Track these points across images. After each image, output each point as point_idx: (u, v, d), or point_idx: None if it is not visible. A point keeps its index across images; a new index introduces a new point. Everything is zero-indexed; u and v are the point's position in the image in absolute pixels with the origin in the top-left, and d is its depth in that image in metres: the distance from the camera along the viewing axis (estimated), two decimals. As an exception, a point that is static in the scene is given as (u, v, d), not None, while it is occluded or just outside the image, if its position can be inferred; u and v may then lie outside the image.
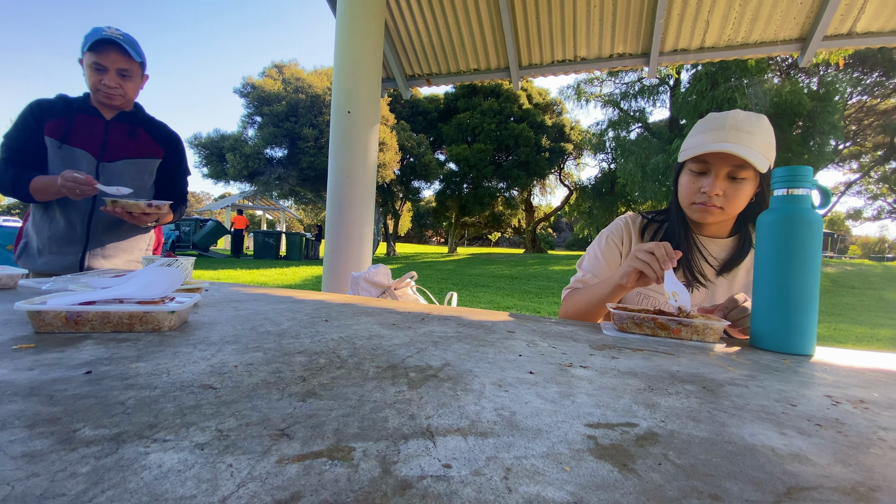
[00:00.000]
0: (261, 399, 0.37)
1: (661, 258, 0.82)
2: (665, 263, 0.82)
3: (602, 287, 0.96)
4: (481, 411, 0.37)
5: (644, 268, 0.84)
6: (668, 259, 0.82)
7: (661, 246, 0.84)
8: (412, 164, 19.25)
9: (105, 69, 1.44)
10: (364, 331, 0.66)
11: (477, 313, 0.87)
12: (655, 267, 0.82)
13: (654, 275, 0.82)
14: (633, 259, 0.86)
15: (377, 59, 2.70)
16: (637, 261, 0.85)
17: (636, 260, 0.85)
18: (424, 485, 0.25)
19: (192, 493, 0.23)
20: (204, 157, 16.34)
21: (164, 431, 0.30)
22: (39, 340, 0.52)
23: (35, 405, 0.34)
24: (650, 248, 0.84)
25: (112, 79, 1.45)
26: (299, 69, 17.38)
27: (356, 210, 2.62)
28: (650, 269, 0.83)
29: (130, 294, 0.61)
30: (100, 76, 1.44)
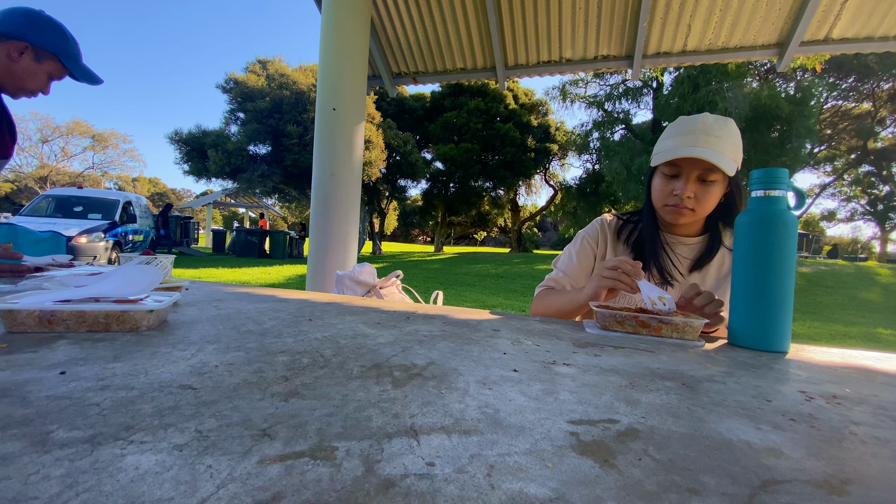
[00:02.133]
0: (242, 399, 0.36)
1: (630, 273, 0.85)
2: (636, 276, 0.84)
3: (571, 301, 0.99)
4: (465, 409, 0.37)
5: (615, 284, 0.87)
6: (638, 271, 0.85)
7: (624, 261, 0.87)
8: (398, 162, 19.17)
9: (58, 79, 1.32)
10: (348, 330, 0.66)
11: (462, 312, 0.88)
12: (627, 280, 0.85)
13: (629, 287, 0.85)
14: (601, 279, 0.89)
15: (363, 57, 2.68)
16: (605, 280, 0.88)
17: (604, 279, 0.88)
18: (408, 483, 0.25)
19: (170, 495, 0.23)
20: (184, 154, 15.97)
21: (141, 433, 0.29)
22: (12, 340, 0.50)
23: (6, 406, 0.33)
24: (613, 264, 0.88)
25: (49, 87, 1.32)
26: (284, 65, 17.13)
27: (341, 208, 2.60)
28: (622, 283, 0.86)
29: (107, 293, 0.60)
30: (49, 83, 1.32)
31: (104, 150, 38.63)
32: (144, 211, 11.65)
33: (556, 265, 1.19)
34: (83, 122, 36.89)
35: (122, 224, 9.73)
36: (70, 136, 36.35)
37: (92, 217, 9.30)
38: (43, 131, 35.03)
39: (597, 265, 0.95)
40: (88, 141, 37.55)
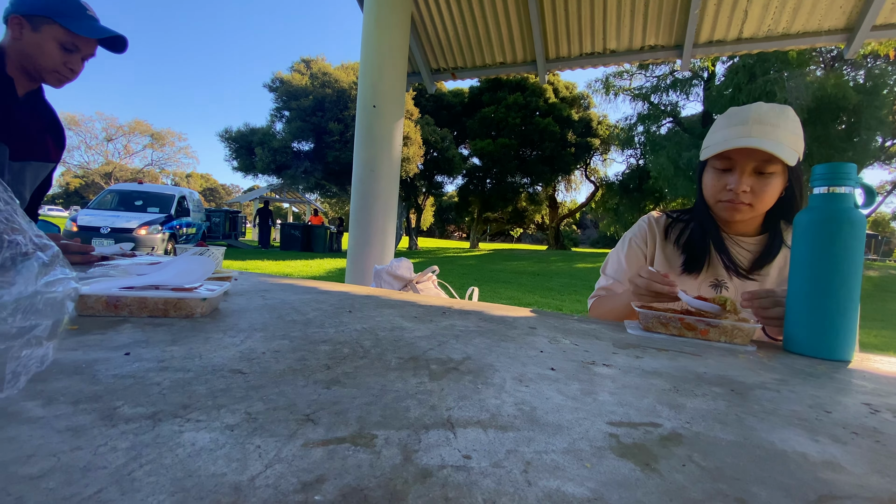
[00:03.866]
0: (287, 385, 0.38)
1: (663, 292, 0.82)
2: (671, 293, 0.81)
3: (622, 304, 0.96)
4: (502, 405, 0.37)
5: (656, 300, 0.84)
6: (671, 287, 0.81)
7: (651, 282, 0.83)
8: (435, 158, 19.26)
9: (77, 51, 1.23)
10: (386, 322, 0.67)
11: (498, 308, 0.87)
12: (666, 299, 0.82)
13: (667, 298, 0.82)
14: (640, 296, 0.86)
15: (403, 54, 2.71)
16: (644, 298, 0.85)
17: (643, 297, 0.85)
18: (444, 474, 0.26)
19: (223, 470, 0.24)
20: (234, 151, 16.77)
21: (197, 412, 0.32)
22: (82, 323, 0.54)
23: (78, 383, 0.36)
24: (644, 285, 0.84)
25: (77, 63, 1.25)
26: (326, 64, 17.58)
27: (380, 204, 2.65)
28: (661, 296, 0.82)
29: (165, 281, 0.64)
30: (67, 57, 1.22)
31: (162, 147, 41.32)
32: (197, 205, 12.38)
33: (605, 271, 1.15)
34: (143, 122, 39.62)
35: (177, 217, 10.38)
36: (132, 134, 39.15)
37: (150, 210, 9.98)
38: (108, 130, 37.91)
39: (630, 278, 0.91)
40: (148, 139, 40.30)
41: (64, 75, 1.24)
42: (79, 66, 1.25)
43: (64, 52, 1.21)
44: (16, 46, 1.20)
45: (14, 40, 1.19)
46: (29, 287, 0.33)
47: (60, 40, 1.19)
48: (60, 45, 1.20)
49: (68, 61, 1.22)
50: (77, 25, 1.19)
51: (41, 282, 0.34)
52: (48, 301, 0.34)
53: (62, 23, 1.17)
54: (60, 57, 1.21)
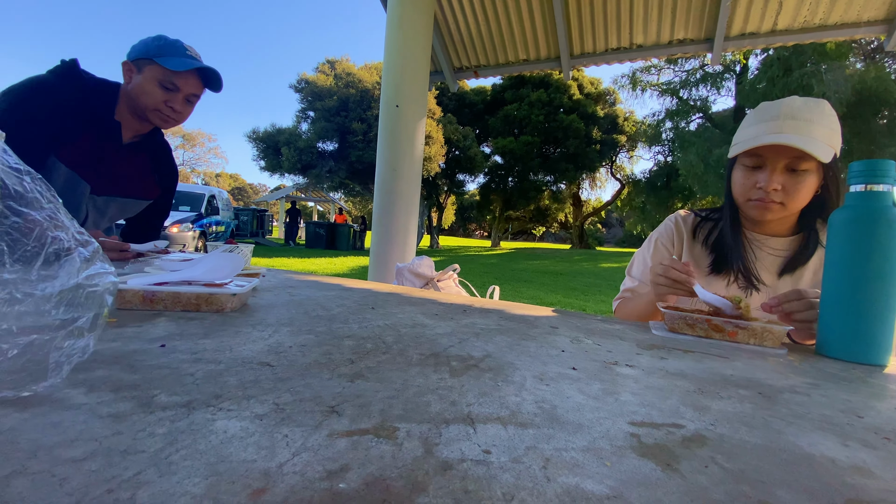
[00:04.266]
0: (313, 377, 0.39)
1: (680, 280, 0.80)
2: (687, 282, 0.79)
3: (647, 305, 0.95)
4: (522, 403, 0.37)
5: (671, 292, 0.82)
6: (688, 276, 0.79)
7: (670, 266, 0.81)
8: (457, 157, 19.26)
9: (177, 91, 1.27)
10: (408, 319, 0.68)
11: (519, 307, 0.87)
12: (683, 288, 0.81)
13: (686, 293, 0.81)
14: (656, 286, 0.85)
15: (425, 53, 2.72)
16: (661, 287, 0.84)
17: (659, 287, 0.84)
18: (465, 467, 0.26)
19: (253, 457, 0.26)
20: (261, 151, 17.20)
21: (228, 402, 0.33)
22: (120, 316, 0.57)
23: (118, 372, 0.38)
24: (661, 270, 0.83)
25: (179, 103, 1.29)
26: (350, 64, 17.81)
27: (402, 203, 2.67)
28: (679, 290, 0.81)
29: (197, 277, 0.67)
30: (167, 96, 1.26)
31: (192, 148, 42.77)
32: (226, 204, 12.76)
33: (631, 273, 1.13)
34: (176, 123, 40.92)
35: (207, 216, 10.73)
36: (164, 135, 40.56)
37: (182, 209, 10.34)
38: (143, 132, 39.42)
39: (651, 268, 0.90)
40: (179, 140, 41.73)
41: (165, 114, 1.28)
42: (181, 105, 1.29)
43: (164, 91, 1.25)
44: (125, 91, 1.27)
45: (125, 85, 1.27)
46: (71, 280, 0.35)
47: (159, 79, 1.24)
48: (160, 84, 1.24)
49: (169, 100, 1.26)
50: (171, 62, 1.23)
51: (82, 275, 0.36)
52: (89, 294, 0.36)
53: (160, 62, 1.22)
54: (161, 96, 1.25)
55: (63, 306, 0.34)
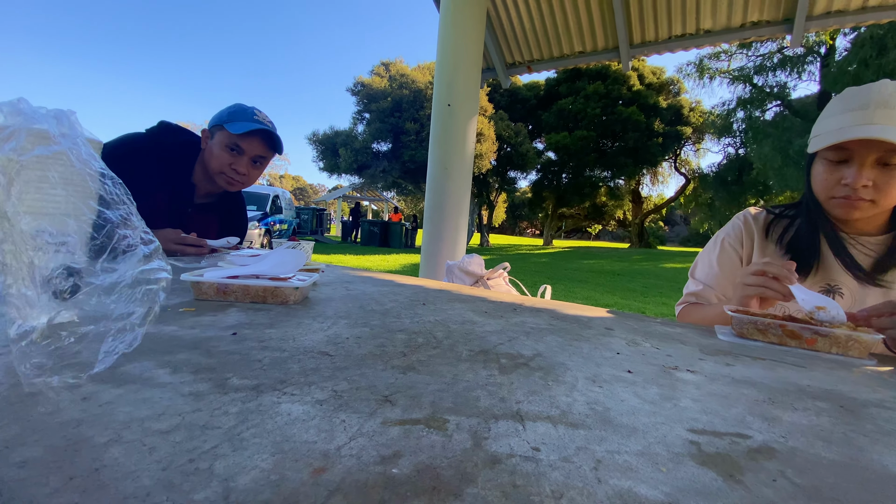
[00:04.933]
0: (368, 368, 0.41)
1: (780, 275, 0.72)
2: (787, 279, 0.71)
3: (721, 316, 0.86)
4: (573, 403, 0.37)
5: (762, 293, 0.74)
6: (788, 274, 0.71)
7: (769, 263, 0.74)
8: (509, 153, 19.04)
9: (242, 153, 1.32)
10: (458, 316, 0.69)
11: (572, 307, 0.85)
12: (777, 286, 0.73)
13: (779, 295, 0.73)
14: (744, 287, 0.77)
15: (478, 50, 2.72)
16: (750, 288, 0.76)
17: (748, 288, 0.76)
18: (513, 463, 0.27)
19: (313, 439, 0.28)
20: (320, 153, 18.02)
21: (292, 387, 0.36)
22: (198, 306, 0.63)
23: (197, 356, 0.42)
24: (757, 269, 0.75)
25: (244, 165, 1.34)
26: (404, 65, 18.16)
27: (452, 201, 2.69)
28: (772, 291, 0.73)
29: (264, 271, 0.72)
30: (232, 159, 1.32)
31: (259, 151, 45.60)
32: (288, 203, 13.53)
33: (694, 275, 1.05)
34: (244, 129, 43.98)
35: (272, 214, 11.45)
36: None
37: (249, 208, 11.08)
38: (216, 137, 42.75)
39: (740, 272, 0.82)
40: (248, 144, 44.69)
41: (230, 176, 1.34)
42: (245, 167, 1.33)
43: (229, 154, 1.31)
44: (201, 156, 1.37)
45: (202, 151, 1.37)
46: (128, 274, 0.39)
47: (225, 143, 1.31)
48: (226, 147, 1.31)
49: (233, 163, 1.32)
50: (236, 127, 1.28)
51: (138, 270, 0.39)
52: (146, 291, 0.39)
53: (227, 127, 1.29)
54: (227, 159, 1.32)
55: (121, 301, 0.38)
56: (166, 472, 0.23)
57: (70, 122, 0.47)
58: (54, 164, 0.44)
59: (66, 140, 0.44)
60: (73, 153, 0.41)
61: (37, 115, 0.46)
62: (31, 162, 0.43)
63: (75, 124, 0.48)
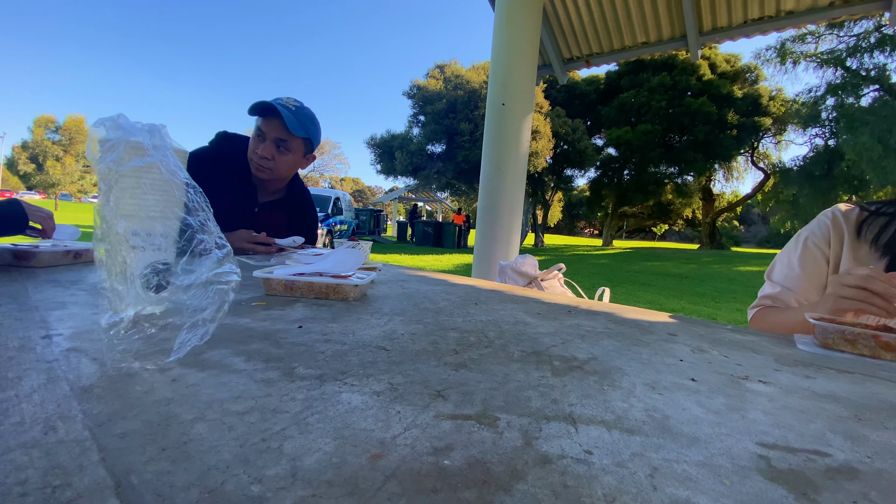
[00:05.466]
0: (422, 363, 0.43)
1: (888, 295, 0.64)
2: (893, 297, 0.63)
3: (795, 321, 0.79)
4: (629, 409, 0.36)
5: (862, 308, 0.66)
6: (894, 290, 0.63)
7: (872, 279, 0.65)
8: (566, 151, 18.52)
9: (265, 138, 1.36)
10: (510, 316, 0.69)
11: (632, 311, 0.82)
12: (880, 303, 0.64)
13: (884, 312, 0.65)
14: (838, 300, 0.68)
15: (533, 48, 2.68)
16: (847, 302, 0.67)
17: (844, 301, 0.68)
18: (564, 464, 0.26)
19: (371, 427, 0.29)
20: (377, 156, 18.62)
21: (351, 378, 0.38)
22: (268, 300, 0.68)
23: (268, 347, 0.46)
24: (857, 282, 0.66)
25: (268, 149, 1.36)
26: (459, 66, 18.26)
27: (506, 201, 2.67)
28: (874, 307, 0.65)
29: (326, 269, 0.76)
30: (257, 144, 1.37)
31: (321, 155, 48.17)
32: (348, 205, 14.15)
33: (771, 277, 0.96)
34: (308, 134, 46.72)
35: (333, 216, 12.03)
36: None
37: (312, 210, 11.77)
38: (283, 143, 45.85)
39: (831, 280, 0.73)
40: (311, 149, 47.40)
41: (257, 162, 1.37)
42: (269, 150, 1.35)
43: (256, 140, 1.37)
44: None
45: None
46: (203, 275, 0.43)
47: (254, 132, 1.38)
48: (255, 136, 1.38)
49: (258, 148, 1.36)
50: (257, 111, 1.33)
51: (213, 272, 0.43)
52: (217, 290, 0.43)
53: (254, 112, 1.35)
54: (253, 145, 1.37)
55: (197, 298, 0.42)
56: (243, 448, 0.26)
57: (161, 135, 0.53)
58: (147, 174, 0.50)
59: (157, 152, 0.49)
60: (163, 164, 0.46)
61: (133, 129, 0.52)
62: (127, 171, 0.49)
63: (165, 137, 0.54)
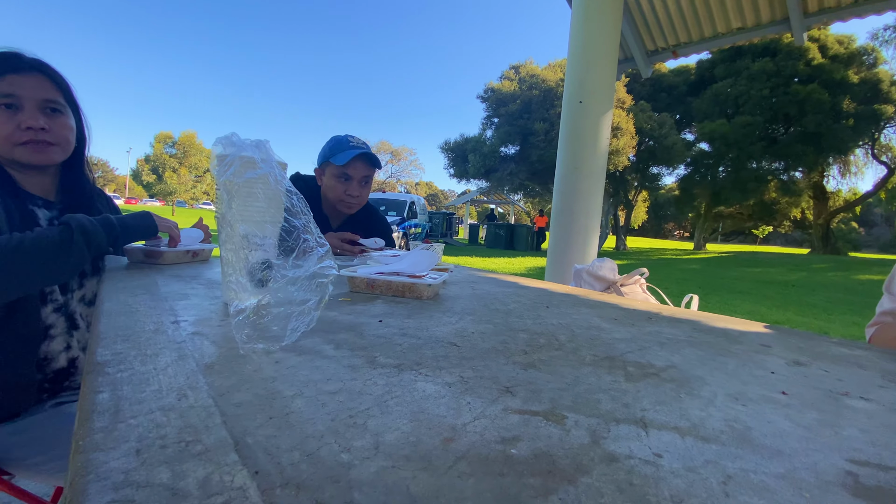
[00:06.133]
0: (491, 361, 0.45)
1: None
2: None
3: None
4: (707, 418, 0.34)
5: None
6: None
7: None
8: (651, 147, 17.35)
9: (351, 179, 1.53)
10: (583, 321, 0.68)
11: (721, 320, 0.76)
12: None
13: None
14: None
15: (613, 42, 2.57)
16: None
17: None
18: (631, 463, 0.27)
19: (443, 413, 0.32)
20: (451, 160, 18.94)
21: (426, 369, 0.41)
22: (353, 296, 0.75)
23: (353, 337, 0.50)
24: None
25: (355, 188, 1.54)
26: (534, 66, 17.98)
27: (583, 202, 2.59)
28: None
29: (403, 269, 0.81)
30: (345, 186, 1.53)
31: (398, 162, 50.19)
32: (422, 209, 14.63)
33: (891, 289, 0.84)
34: (387, 142, 48.98)
35: (408, 219, 12.51)
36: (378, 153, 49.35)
37: (390, 214, 12.37)
38: (363, 151, 48.77)
39: None
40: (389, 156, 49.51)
41: (347, 202, 1.55)
42: (357, 189, 1.54)
43: (342, 183, 1.52)
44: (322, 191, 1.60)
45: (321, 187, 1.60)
46: (309, 270, 0.49)
47: (335, 174, 1.52)
48: (337, 178, 1.52)
49: (346, 189, 1.53)
50: (339, 158, 1.49)
51: (316, 267, 0.49)
52: (319, 283, 0.49)
53: (333, 161, 1.50)
54: (340, 188, 1.53)
55: (303, 289, 0.48)
56: (333, 422, 0.30)
57: (266, 149, 0.61)
58: (258, 184, 0.57)
59: (265, 165, 0.57)
60: (272, 175, 0.54)
61: (245, 145, 0.60)
62: (243, 183, 0.57)
63: (269, 151, 0.61)
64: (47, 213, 0.92)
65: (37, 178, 0.92)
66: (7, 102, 0.83)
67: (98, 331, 0.49)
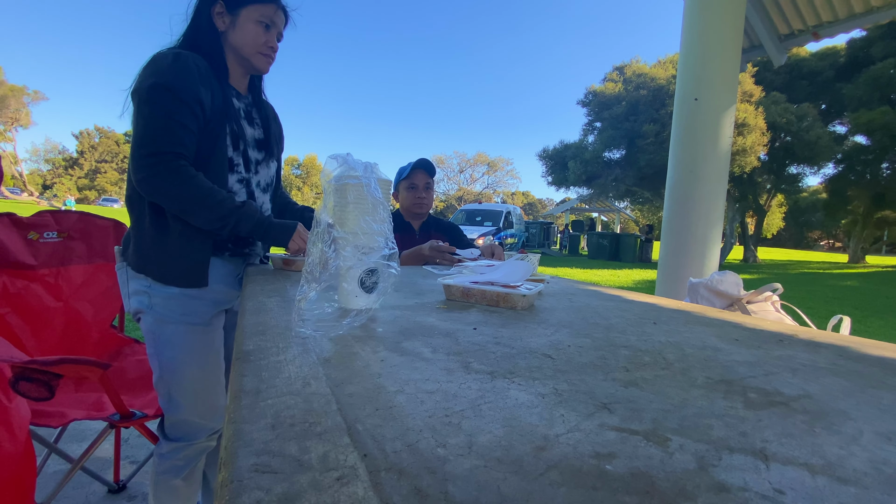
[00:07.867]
0: (587, 375, 0.43)
1: None
2: None
3: None
4: (847, 457, 0.30)
5: None
6: None
7: None
8: (787, 144, 15.00)
9: (416, 188, 1.87)
10: (696, 340, 0.62)
11: (877, 347, 0.64)
12: None
13: None
14: None
15: (736, 29, 2.30)
16: None
17: None
18: (745, 496, 0.24)
19: (536, 423, 0.32)
20: (549, 168, 18.48)
21: (518, 378, 0.41)
22: (450, 304, 0.78)
23: (449, 343, 0.53)
24: None
25: (421, 193, 1.88)
26: (641, 65, 16.82)
27: (699, 209, 2.34)
28: None
29: (498, 279, 0.82)
30: (413, 196, 1.87)
31: (494, 172, 50.51)
32: (518, 218, 14.51)
33: None
34: (483, 154, 49.70)
35: (504, 229, 12.49)
36: (475, 165, 49.93)
37: (486, 224, 12.50)
38: (460, 164, 49.73)
39: None
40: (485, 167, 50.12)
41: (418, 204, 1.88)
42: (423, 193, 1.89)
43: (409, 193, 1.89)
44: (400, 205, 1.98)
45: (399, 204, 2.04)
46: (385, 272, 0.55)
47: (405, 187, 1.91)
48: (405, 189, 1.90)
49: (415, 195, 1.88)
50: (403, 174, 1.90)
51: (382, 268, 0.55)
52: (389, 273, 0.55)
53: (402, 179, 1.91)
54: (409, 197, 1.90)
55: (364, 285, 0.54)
56: (431, 419, 0.32)
57: (371, 168, 0.68)
58: (365, 199, 0.64)
59: (370, 183, 0.63)
60: (374, 193, 0.59)
61: (356, 164, 0.67)
62: (356, 199, 0.63)
63: (375, 170, 0.68)
64: (237, 102, 1.18)
65: (242, 78, 1.21)
66: (268, 23, 1.14)
67: (243, 325, 0.58)
